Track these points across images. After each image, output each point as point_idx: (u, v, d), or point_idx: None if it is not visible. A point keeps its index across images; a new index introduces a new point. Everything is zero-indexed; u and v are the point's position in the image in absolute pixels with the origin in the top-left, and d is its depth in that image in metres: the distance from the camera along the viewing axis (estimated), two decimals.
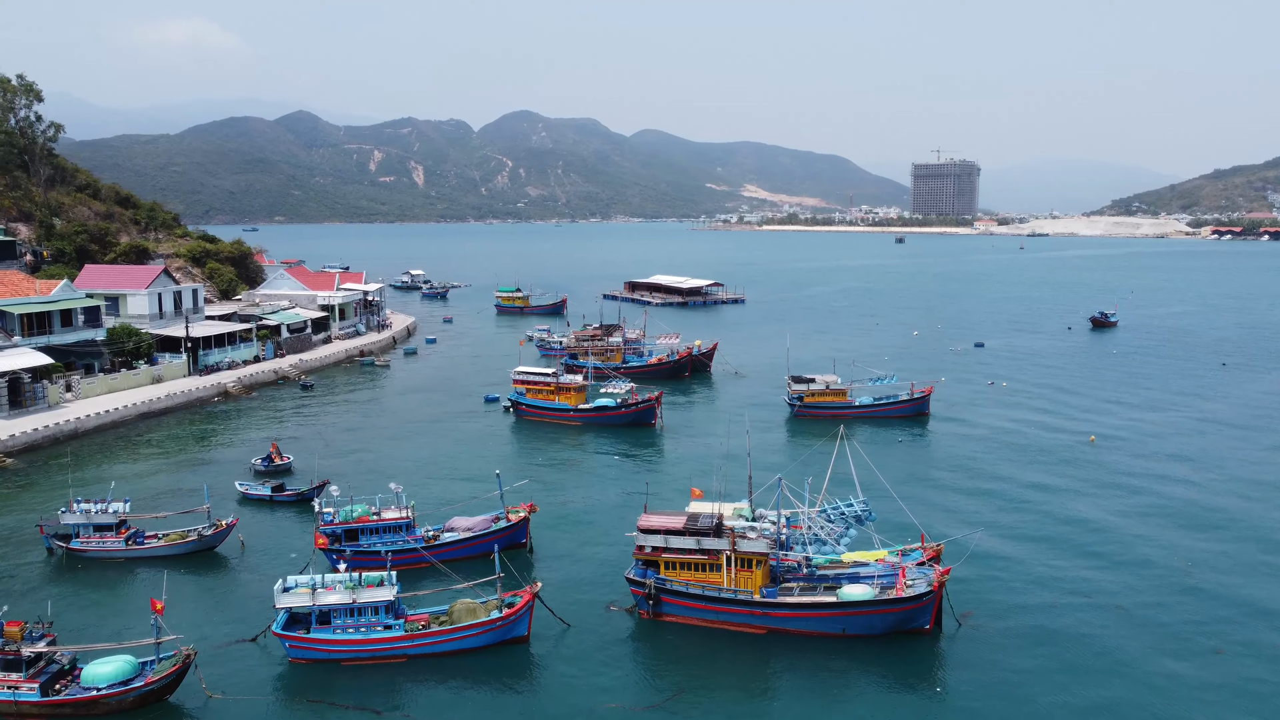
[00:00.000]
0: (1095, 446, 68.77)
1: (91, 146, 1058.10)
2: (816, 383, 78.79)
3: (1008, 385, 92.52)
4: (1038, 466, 63.09)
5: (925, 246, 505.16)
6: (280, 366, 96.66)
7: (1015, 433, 72.66)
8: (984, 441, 70.04)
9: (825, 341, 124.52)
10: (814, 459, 59.07)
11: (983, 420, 77.24)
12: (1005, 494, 56.81)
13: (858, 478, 47.06)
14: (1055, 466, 63.08)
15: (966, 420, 77.30)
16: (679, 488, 55.36)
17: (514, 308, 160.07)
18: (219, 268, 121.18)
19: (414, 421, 77.66)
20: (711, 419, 78.52)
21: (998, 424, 75.76)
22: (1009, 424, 75.71)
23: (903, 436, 72.11)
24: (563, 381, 77.07)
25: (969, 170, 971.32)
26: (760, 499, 46.20)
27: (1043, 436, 71.48)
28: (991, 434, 72.32)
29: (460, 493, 56.62)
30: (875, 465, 52.00)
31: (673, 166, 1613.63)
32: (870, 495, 47.05)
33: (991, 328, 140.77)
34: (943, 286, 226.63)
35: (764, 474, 53.62)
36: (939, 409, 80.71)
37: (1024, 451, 66.99)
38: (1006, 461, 64.37)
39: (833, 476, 46.10)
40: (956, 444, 69.32)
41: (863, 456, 50.58)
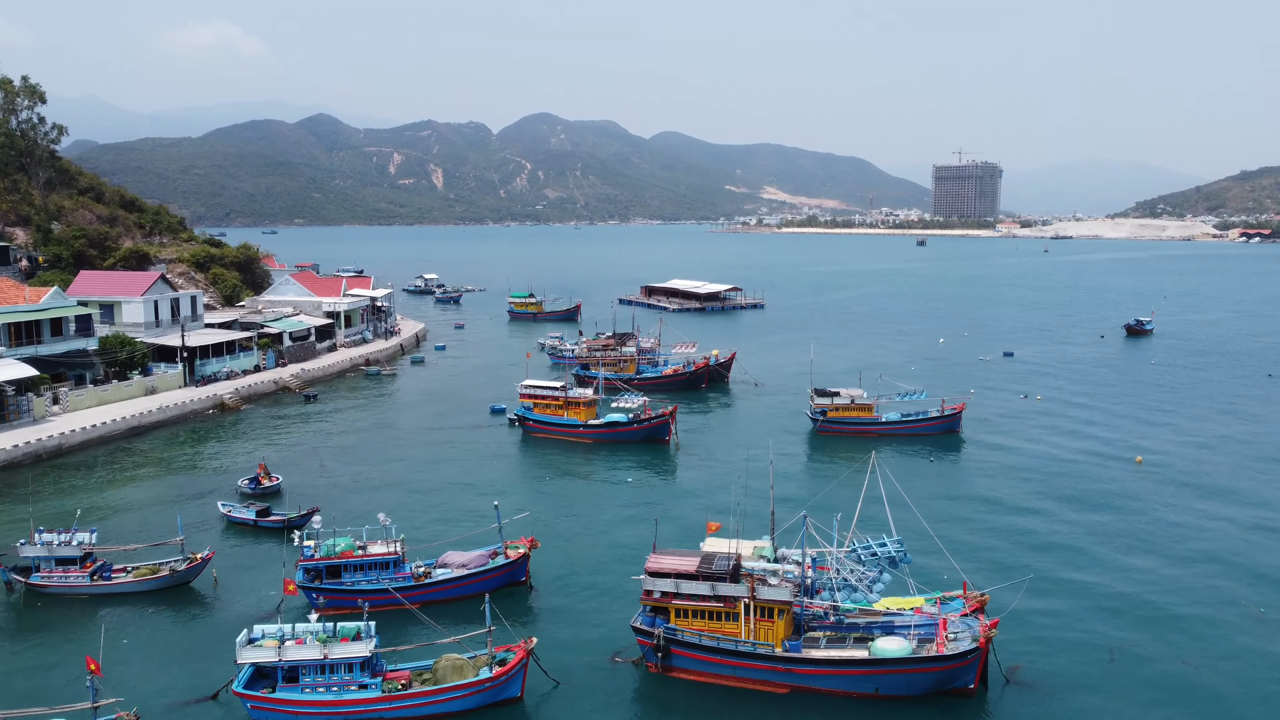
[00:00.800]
0: (1143, 470, 64.02)
1: (115, 149, 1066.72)
2: (841, 397, 74.33)
3: (1043, 399, 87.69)
4: (1083, 495, 58.38)
5: (947, 249, 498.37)
6: (281, 376, 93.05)
7: (1055, 454, 67.92)
8: (1022, 465, 65.36)
9: (848, 350, 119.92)
10: (841, 487, 54.64)
11: (1018, 439, 72.53)
12: (1050, 529, 52.11)
13: (890, 511, 42.67)
14: (1102, 495, 58.34)
15: (1001, 439, 72.61)
16: (693, 522, 51.09)
17: (527, 314, 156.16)
18: (223, 273, 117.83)
19: (415, 437, 73.77)
20: (729, 436, 74.20)
21: (1035, 444, 71.04)
22: (1047, 444, 70.98)
23: (933, 458, 67.52)
24: (571, 396, 72.93)
25: (991, 172, 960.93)
26: (783, 536, 41.96)
27: (1085, 459, 66.72)
28: (1029, 456, 67.62)
29: (459, 520, 52.64)
30: (907, 493, 47.66)
31: (692, 168, 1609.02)
32: (903, 531, 42.72)
33: (1020, 335, 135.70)
34: (967, 291, 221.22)
35: (786, 502, 49.40)
36: (970, 426, 76.10)
37: (1066, 477, 62.27)
38: (1048, 489, 59.68)
39: (862, 508, 41.74)
40: (992, 468, 64.67)
41: (893, 484, 46.17)
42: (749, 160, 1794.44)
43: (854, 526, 40.49)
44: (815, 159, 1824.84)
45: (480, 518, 51.20)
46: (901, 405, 76.84)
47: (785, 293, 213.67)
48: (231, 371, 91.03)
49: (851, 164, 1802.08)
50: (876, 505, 44.07)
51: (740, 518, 44.06)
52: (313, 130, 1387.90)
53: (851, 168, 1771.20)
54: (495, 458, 67.68)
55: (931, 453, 68.66)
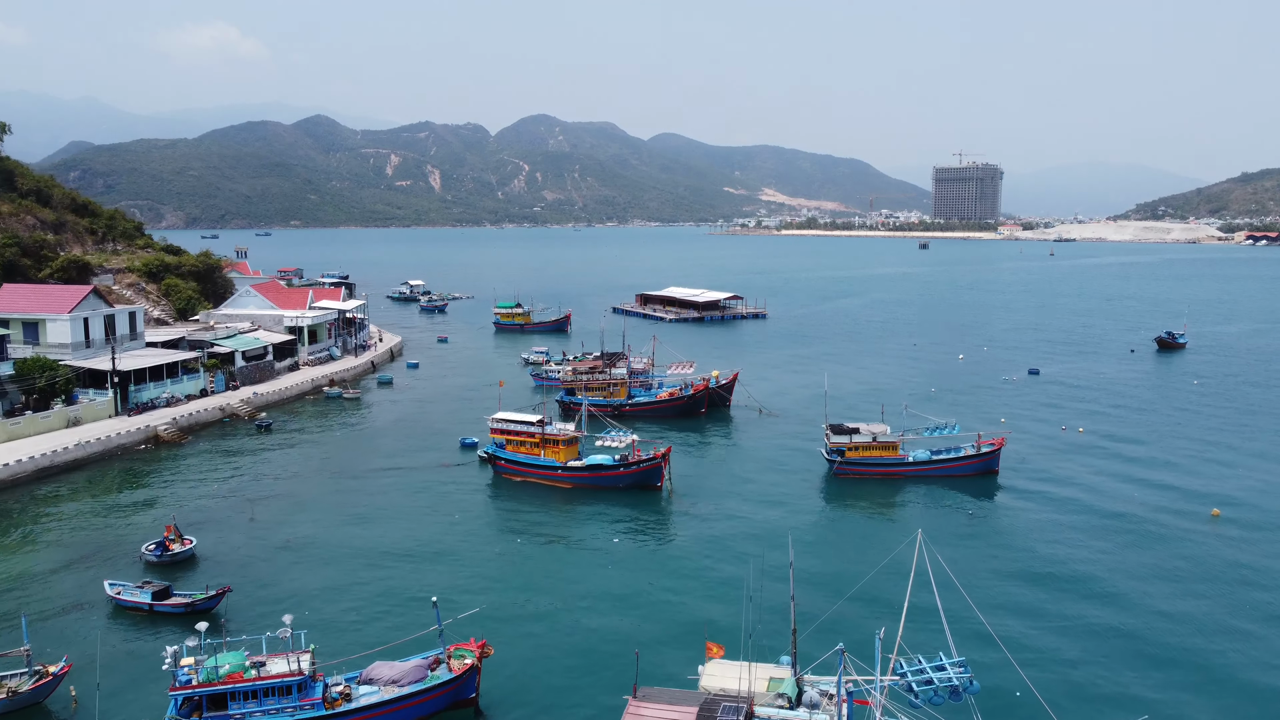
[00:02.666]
0: (1223, 525, 54.17)
1: (109, 151, 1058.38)
2: (861, 434, 64.36)
3: (1085, 431, 77.73)
4: (1169, 567, 48.33)
5: (951, 253, 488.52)
6: (230, 402, 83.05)
7: (1114, 505, 57.96)
8: (1079, 521, 55.36)
9: (861, 369, 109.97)
10: (879, 574, 44.70)
11: (1067, 485, 62.57)
12: (1145, 625, 41.74)
13: (941, 605, 32.63)
14: (1190, 566, 48.33)
15: (1047, 485, 62.65)
16: (689, 618, 41.31)
17: (514, 325, 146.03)
18: (178, 284, 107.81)
19: (368, 480, 63.80)
20: (733, 481, 64.18)
21: (1088, 491, 61.11)
22: (1102, 491, 61.04)
23: (972, 510, 57.52)
24: (549, 432, 62.97)
25: (991, 174, 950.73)
26: (805, 652, 32.09)
27: (1151, 512, 56.76)
28: (1085, 509, 57.62)
29: (401, 608, 42.73)
30: (950, 566, 37.77)
31: (691, 170, 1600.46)
32: (955, 624, 32.89)
33: (1044, 350, 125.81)
34: (979, 298, 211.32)
35: (806, 587, 39.66)
36: (1008, 465, 66.26)
37: (1136, 537, 52.30)
38: (1122, 558, 49.64)
39: (904, 594, 31.84)
40: (1045, 526, 54.60)
41: (935, 556, 36.21)
42: (748, 162, 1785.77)
43: (899, 637, 30.70)
44: (814, 161, 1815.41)
45: (425, 604, 41.30)
46: (930, 441, 66.93)
47: (788, 300, 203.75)
48: (173, 398, 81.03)
49: (851, 166, 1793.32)
50: (922, 591, 34.30)
51: (750, 634, 33.98)
52: (309, 131, 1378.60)
53: (851, 169, 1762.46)
54: (458, 509, 57.66)
55: (970, 504, 58.68)
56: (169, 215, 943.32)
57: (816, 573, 46.33)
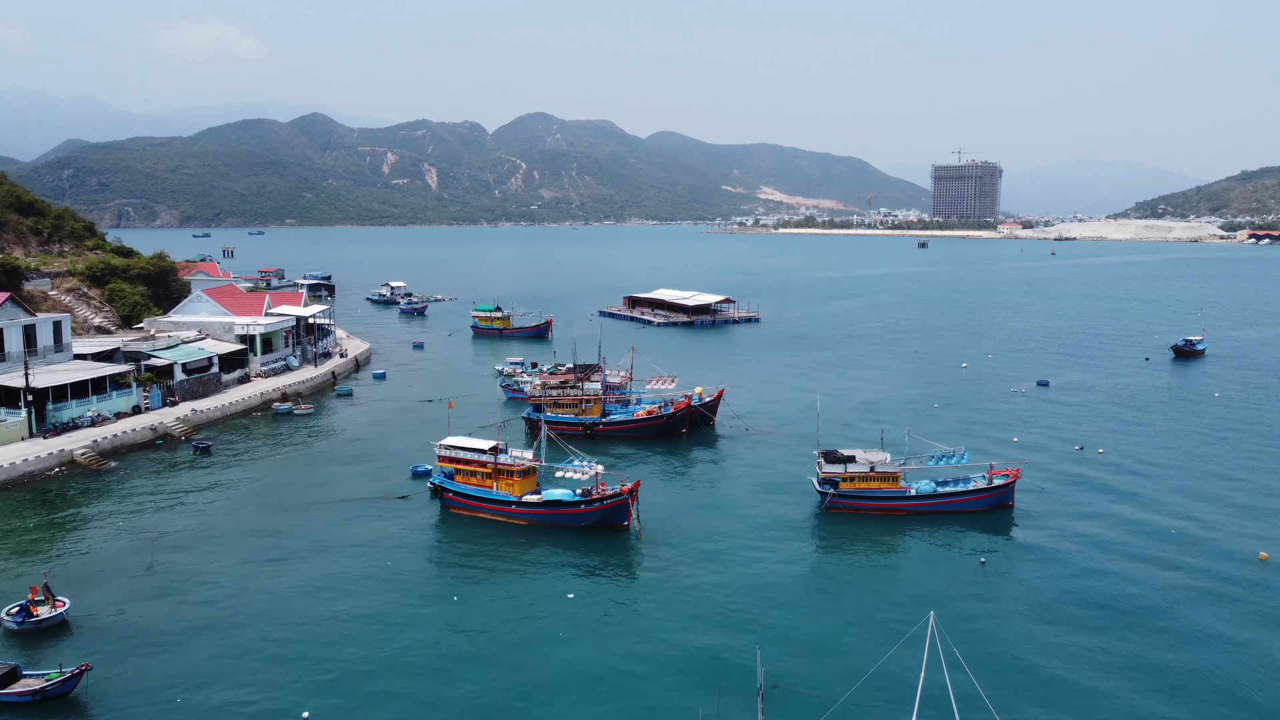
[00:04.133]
0: (1271, 570, 46.73)
1: (104, 149, 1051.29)
2: (857, 462, 56.79)
3: (1104, 453, 70.20)
4: (1212, 627, 40.91)
5: (950, 252, 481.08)
6: (163, 421, 75.44)
7: (1145, 547, 50.41)
8: (1105, 568, 47.79)
9: (859, 380, 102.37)
10: (885, 662, 37.27)
11: (1089, 518, 55.05)
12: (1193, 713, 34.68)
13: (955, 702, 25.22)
14: (1237, 628, 40.89)
15: (1066, 520, 55.10)
16: (659, 707, 33.86)
17: (492, 329, 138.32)
18: (123, 288, 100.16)
19: (299, 516, 56.20)
20: (712, 516, 56.55)
21: (1113, 526, 53.59)
22: (1130, 527, 53.50)
23: (984, 553, 49.87)
24: (502, 462, 55.41)
25: (991, 172, 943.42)
26: None
27: (1188, 553, 49.25)
28: (1111, 550, 50.05)
29: (292, 703, 35.19)
30: (961, 648, 30.35)
31: (689, 169, 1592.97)
32: None
33: (1052, 358, 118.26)
34: (981, 300, 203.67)
35: (788, 673, 32.26)
36: (1024, 492, 58.85)
37: (1174, 589, 44.76)
38: (1158, 620, 42.17)
39: None
40: (1067, 577, 47.01)
41: (946, 634, 28.79)
42: (746, 160, 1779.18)
43: None
44: (813, 159, 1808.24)
45: (326, 689, 33.81)
46: (936, 472, 59.41)
47: (784, 302, 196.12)
48: (99, 416, 73.43)
49: (849, 164, 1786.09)
50: (933, 673, 27.05)
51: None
52: (306, 130, 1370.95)
53: (849, 168, 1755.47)
54: (392, 554, 50.02)
55: (982, 547, 51.05)
56: (163, 214, 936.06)
57: (801, 647, 38.86)
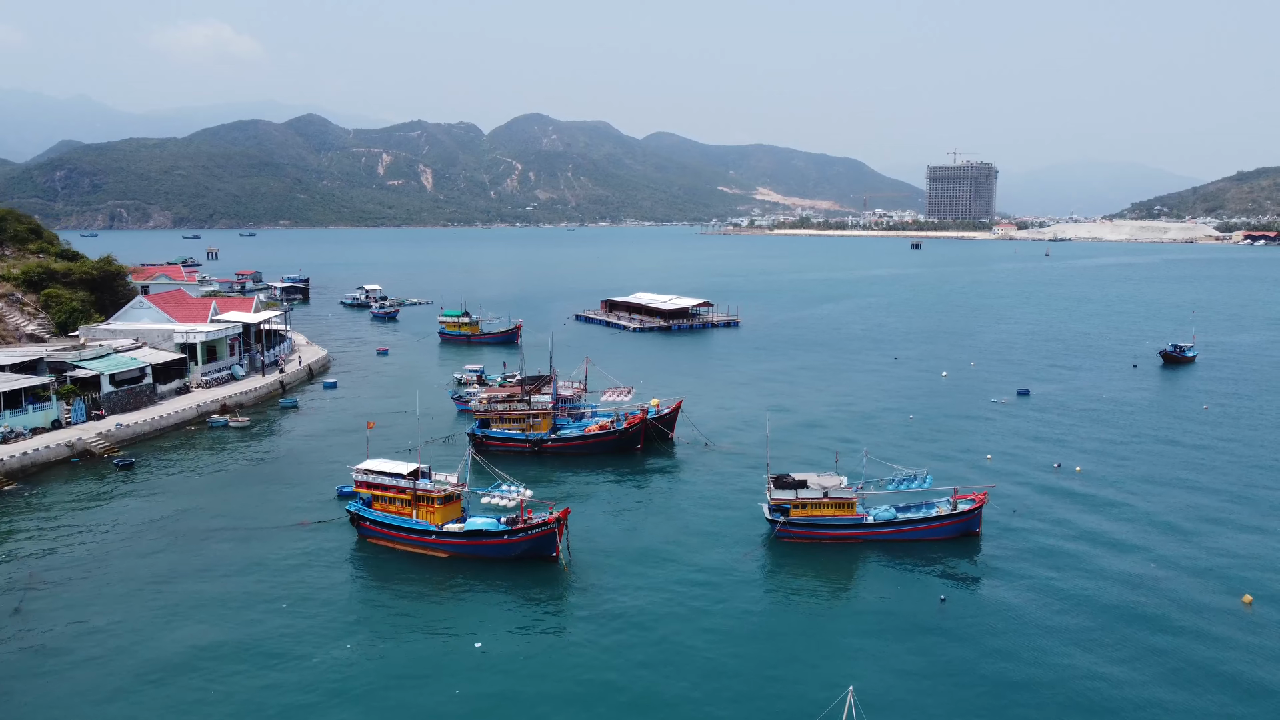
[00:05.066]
0: (1256, 615, 42.27)
1: (97, 150, 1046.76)
2: (809, 487, 52.27)
3: (1082, 470, 65.77)
4: (1187, 679, 36.46)
5: (944, 253, 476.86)
6: (83, 437, 70.83)
7: (1119, 584, 45.85)
8: (1074, 604, 43.32)
9: (831, 389, 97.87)
10: None
11: (1061, 549, 50.51)
12: None
13: None
14: (1217, 681, 36.43)
15: (1037, 550, 50.58)
16: None
17: (460, 335, 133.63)
18: (60, 294, 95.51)
19: (204, 544, 51.61)
20: (652, 544, 51.95)
21: (1087, 557, 49.10)
22: (1106, 558, 49.00)
23: (944, 593, 45.28)
24: (422, 488, 50.83)
25: (986, 173, 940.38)
26: None
27: (1164, 594, 44.70)
28: (1082, 585, 45.55)
29: None
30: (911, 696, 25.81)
31: (685, 169, 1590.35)
32: None
33: (1036, 365, 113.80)
34: (969, 302, 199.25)
35: None
36: (993, 517, 54.42)
37: (1147, 634, 40.28)
38: (1126, 670, 37.74)
39: None
40: (1032, 618, 42.49)
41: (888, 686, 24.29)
42: (742, 161, 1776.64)
43: None
44: (809, 160, 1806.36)
45: None
46: (896, 497, 54.91)
47: (768, 304, 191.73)
48: (11, 433, 68.85)
49: (846, 165, 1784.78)
50: None
51: None
52: (301, 131, 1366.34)
53: (846, 169, 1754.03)
54: (295, 590, 45.42)
55: (943, 580, 46.52)
56: (156, 215, 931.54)
57: (708, 712, 34.39)
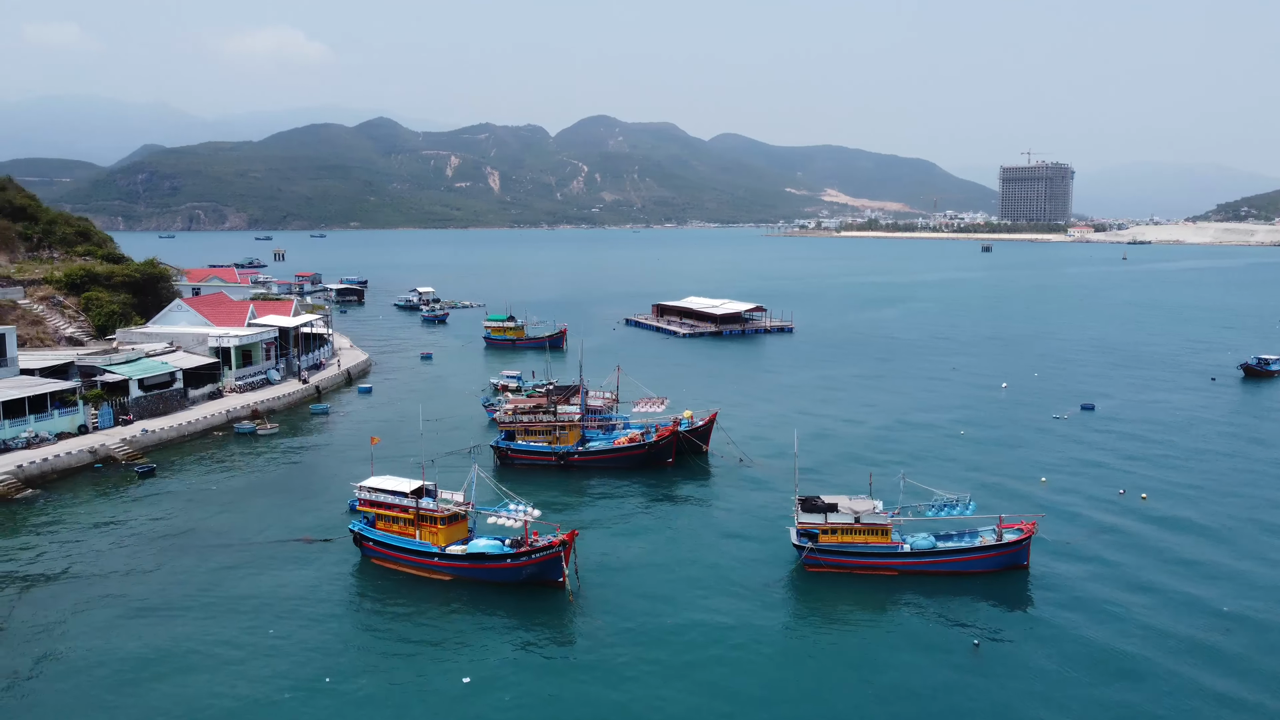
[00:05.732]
0: None
1: (176, 154, 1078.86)
2: (840, 511, 48.34)
3: (1148, 499, 60.49)
4: None
5: (1015, 256, 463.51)
6: (106, 443, 69.81)
7: (1190, 633, 41.06)
8: (1139, 661, 38.67)
9: (882, 400, 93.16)
10: None
11: (1121, 587, 45.70)
12: None
13: None
14: None
15: (1092, 588, 45.85)
16: None
17: (505, 340, 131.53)
18: (100, 297, 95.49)
19: (204, 558, 49.58)
20: (669, 571, 48.47)
21: (1152, 601, 44.23)
22: (1172, 603, 44.08)
23: (981, 633, 41.02)
24: (425, 508, 48.10)
25: (1062, 173, 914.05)
26: None
27: (1239, 645, 39.85)
28: (1147, 634, 40.79)
29: None
30: None
31: (751, 171, 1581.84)
32: None
33: (1104, 376, 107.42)
34: (1037, 309, 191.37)
35: None
36: (1043, 550, 49.77)
37: (1228, 700, 35.59)
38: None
39: None
40: (1090, 663, 38.07)
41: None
42: (809, 162, 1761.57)
43: None
44: (877, 160, 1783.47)
45: None
46: (935, 524, 50.60)
47: (826, 309, 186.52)
48: (36, 437, 68.06)
49: (915, 166, 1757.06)
50: None
51: None
52: (370, 134, 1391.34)
53: (914, 169, 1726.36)
54: (280, 619, 42.91)
55: (978, 623, 42.24)
56: (231, 217, 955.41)
57: None
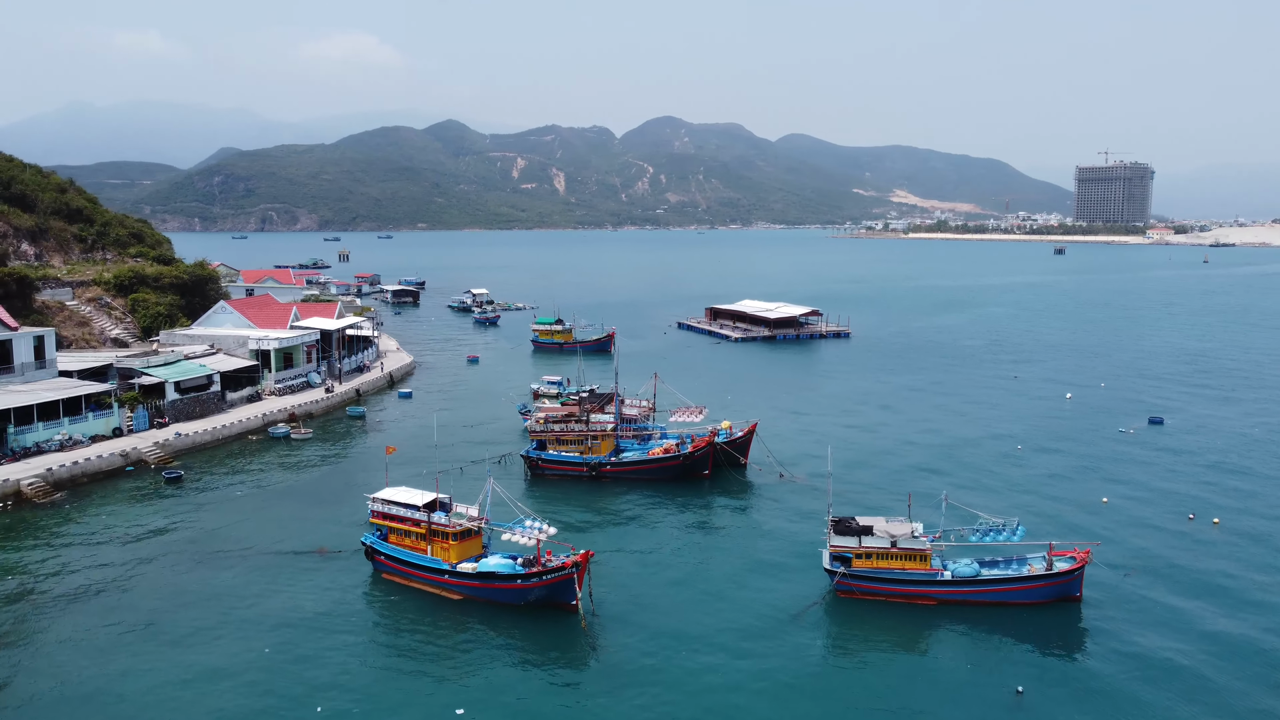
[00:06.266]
0: None
1: (251, 156, 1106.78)
2: (875, 534, 45.16)
3: (1220, 524, 55.98)
4: None
5: (1089, 259, 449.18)
6: (138, 446, 69.47)
7: (1270, 680, 37.18)
8: (1210, 711, 34.99)
9: (930, 410, 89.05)
10: None
11: (1187, 627, 41.77)
12: None
13: None
14: None
15: (1153, 624, 41.94)
16: None
17: (552, 344, 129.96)
18: (146, 298, 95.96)
19: (224, 567, 48.37)
20: (691, 596, 45.78)
21: (1222, 644, 40.27)
22: (1246, 646, 40.09)
23: (1025, 676, 37.47)
24: (436, 522, 46.14)
25: (1141, 173, 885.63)
26: None
27: None
28: (1217, 684, 37.05)
29: None
30: None
31: (818, 172, 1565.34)
32: None
33: (1178, 388, 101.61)
34: (1109, 314, 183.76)
35: None
36: (1096, 580, 45.89)
37: None
38: None
39: None
40: (1149, 711, 34.47)
41: None
42: (878, 163, 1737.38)
43: None
44: (948, 161, 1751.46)
45: None
46: (978, 549, 47.03)
47: (886, 313, 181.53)
48: (70, 440, 67.98)
49: (987, 166, 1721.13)
50: None
51: None
52: (439, 136, 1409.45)
53: (987, 170, 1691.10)
54: (279, 638, 41.27)
55: (1022, 664, 38.75)
56: (303, 218, 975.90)
57: None
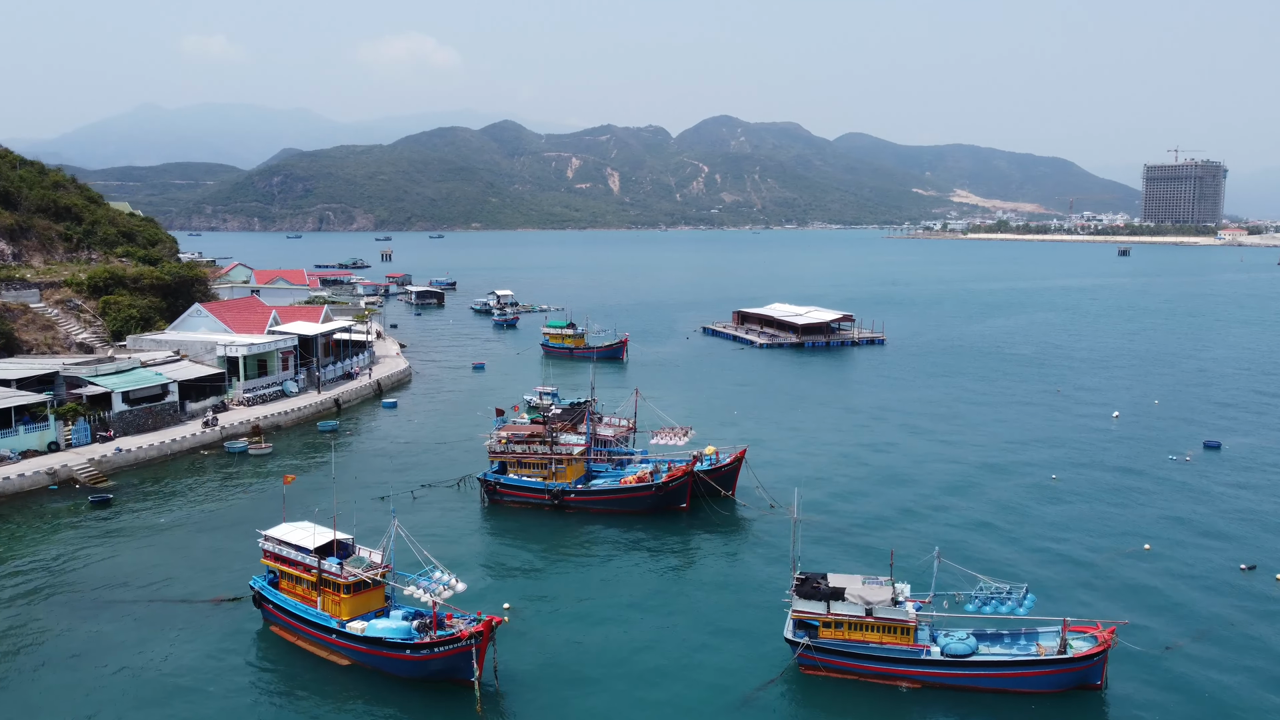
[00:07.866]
0: None
1: (310, 157, 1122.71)
2: (848, 598, 37.06)
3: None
4: None
5: (1155, 260, 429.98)
6: (70, 463, 63.80)
7: None
8: None
9: (957, 430, 79.98)
10: None
11: None
12: None
13: None
14: None
15: None
16: None
17: (563, 349, 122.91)
18: (119, 300, 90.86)
19: (90, 620, 41.98)
20: (626, 669, 38.08)
21: None
22: None
23: None
24: (327, 569, 39.09)
25: (1213, 172, 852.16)
26: None
27: None
28: None
29: None
30: None
31: (878, 171, 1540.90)
32: None
33: (1238, 408, 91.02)
34: (1172, 322, 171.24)
35: None
36: (1127, 655, 37.28)
37: None
38: None
39: None
40: None
41: None
42: (939, 162, 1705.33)
43: None
44: (1012, 160, 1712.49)
45: None
46: (977, 621, 38.61)
47: (928, 318, 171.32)
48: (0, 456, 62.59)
49: (1052, 165, 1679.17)
50: None
51: None
52: (496, 136, 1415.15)
53: (1052, 169, 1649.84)
54: (151, 707, 34.66)
55: None
56: (359, 218, 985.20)
57: None
